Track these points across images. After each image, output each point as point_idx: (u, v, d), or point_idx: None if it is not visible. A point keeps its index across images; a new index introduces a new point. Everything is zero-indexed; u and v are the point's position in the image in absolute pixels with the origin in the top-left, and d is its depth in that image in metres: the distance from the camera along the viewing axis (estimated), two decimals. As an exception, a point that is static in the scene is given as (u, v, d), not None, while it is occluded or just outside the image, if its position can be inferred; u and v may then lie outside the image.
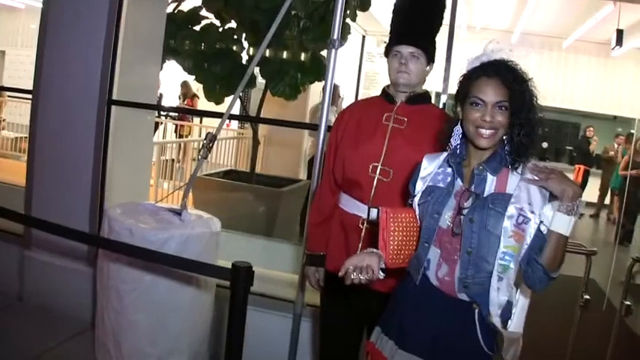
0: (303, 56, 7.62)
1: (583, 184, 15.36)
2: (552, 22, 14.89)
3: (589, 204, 15.44)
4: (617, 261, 9.53)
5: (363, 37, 15.40)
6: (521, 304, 2.68)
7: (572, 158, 17.78)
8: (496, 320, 2.50)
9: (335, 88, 10.81)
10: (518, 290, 2.66)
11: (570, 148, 19.15)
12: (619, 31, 10.92)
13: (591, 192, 15.38)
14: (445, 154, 2.73)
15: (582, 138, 17.11)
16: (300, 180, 8.76)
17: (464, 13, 13.72)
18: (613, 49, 11.16)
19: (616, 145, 14.54)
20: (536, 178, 2.44)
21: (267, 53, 7.54)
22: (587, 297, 4.69)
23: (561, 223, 2.40)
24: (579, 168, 15.64)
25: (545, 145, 19.38)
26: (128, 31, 5.39)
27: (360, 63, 15.75)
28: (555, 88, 17.49)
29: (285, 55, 7.58)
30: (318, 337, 3.82)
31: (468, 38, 14.52)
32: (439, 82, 4.55)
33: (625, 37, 11.56)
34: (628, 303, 4.83)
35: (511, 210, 2.46)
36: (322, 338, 3.75)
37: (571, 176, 12.77)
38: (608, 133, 16.23)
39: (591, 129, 15.85)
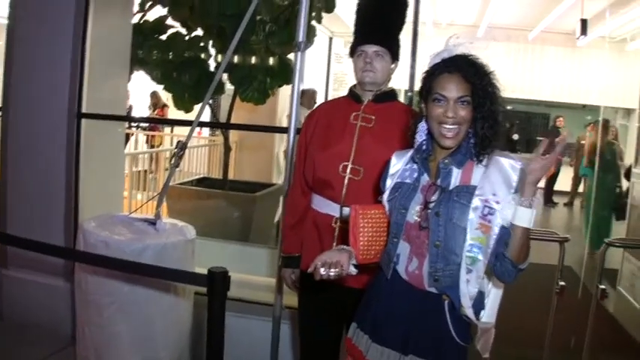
0: (270, 60, 7.64)
1: (556, 174, 15.50)
2: (517, 14, 14.98)
3: (563, 192, 15.55)
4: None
5: (330, 38, 15.42)
6: (493, 294, 2.72)
7: (542, 149, 17.86)
8: (469, 312, 2.53)
9: (313, 93, 10.85)
10: (490, 281, 2.69)
11: (541, 138, 19.23)
12: (583, 20, 11.01)
13: (565, 181, 15.48)
14: (412, 150, 2.76)
15: (552, 128, 17.21)
16: (274, 184, 8.77)
17: (429, 9, 13.79)
18: (578, 38, 11.24)
19: (587, 134, 14.63)
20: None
21: (235, 59, 7.56)
22: (563, 283, 4.73)
23: (524, 217, 2.43)
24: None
25: (516, 136, 19.50)
26: (94, 44, 5.39)
27: (328, 64, 15.77)
28: (523, 80, 17.58)
29: (252, 60, 7.59)
30: (298, 338, 3.84)
31: (435, 34, 14.58)
32: (406, 79, 4.59)
33: (590, 26, 11.64)
34: (603, 287, 4.88)
35: (476, 202, 2.50)
36: (302, 339, 3.76)
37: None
38: (578, 121, 16.34)
39: (561, 119, 15.96)
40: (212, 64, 7.60)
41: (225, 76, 7.61)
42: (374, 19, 3.41)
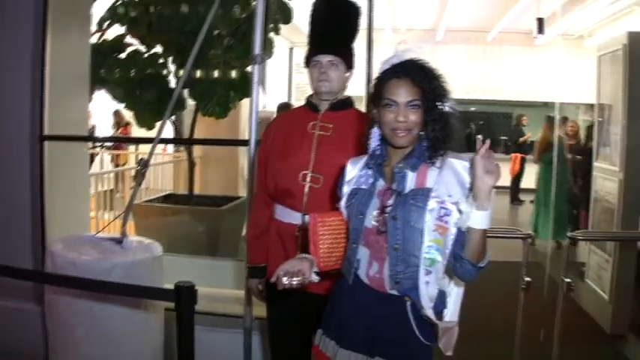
0: (233, 74, 7.65)
1: (520, 172, 15.60)
2: (475, 16, 15.10)
3: (529, 190, 15.63)
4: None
5: (291, 49, 15.49)
6: (455, 293, 2.77)
7: (507, 148, 17.96)
8: (429, 312, 2.57)
9: (289, 106, 10.84)
10: (452, 280, 2.74)
11: (505, 138, 19.34)
12: (539, 19, 11.10)
13: (529, 179, 15.58)
14: (366, 156, 2.81)
15: (515, 127, 17.32)
16: (240, 197, 8.77)
17: (386, 15, 13.84)
18: (535, 37, 11.35)
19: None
20: (485, 169, 2.44)
21: (197, 74, 7.58)
22: (529, 279, 4.77)
23: (480, 220, 2.46)
24: (516, 156, 15.85)
25: (479, 137, 19.58)
26: (54, 65, 5.38)
27: (289, 75, 15.83)
28: (484, 81, 17.75)
29: (212, 74, 7.60)
30: (269, 348, 3.86)
31: (394, 40, 14.65)
32: (363, 86, 4.63)
33: (547, 24, 11.75)
34: (568, 280, 4.93)
35: (432, 204, 2.53)
36: (272, 348, 3.78)
37: (508, 165, 13.02)
38: (539, 119, 16.43)
39: (525, 118, 16.08)
40: (172, 81, 7.59)
41: (186, 92, 7.64)
42: (327, 29, 3.45)
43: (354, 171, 2.84)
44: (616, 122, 6.84)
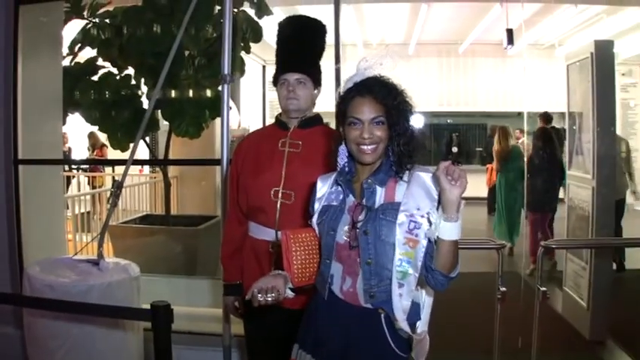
0: (208, 93, 7.67)
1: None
2: (445, 29, 15.17)
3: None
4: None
5: (264, 67, 15.49)
6: (427, 304, 2.79)
7: (483, 159, 18.01)
8: (404, 325, 2.59)
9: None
10: (425, 291, 2.76)
11: (480, 149, 19.40)
12: (509, 30, 11.16)
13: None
14: (336, 173, 2.83)
15: (490, 138, 17.39)
16: (216, 216, 8.75)
17: (357, 31, 13.88)
18: (505, 48, 11.42)
19: (518, 141, 14.80)
20: (449, 179, 2.46)
21: (169, 94, 7.59)
22: (504, 289, 4.81)
23: (450, 231, 2.49)
24: (491, 167, 15.94)
25: (455, 149, 19.65)
26: (25, 89, 5.42)
27: (263, 92, 15.85)
28: (458, 93, 17.83)
29: (183, 94, 7.61)
30: (248, 364, 3.88)
31: (366, 55, 14.69)
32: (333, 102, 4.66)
33: (518, 34, 11.82)
34: (543, 289, 4.97)
35: (401, 218, 2.56)
36: (251, 364, 3.81)
37: (484, 176, 13.09)
38: (514, 129, 16.51)
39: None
40: (145, 102, 7.59)
41: (159, 112, 7.65)
42: (293, 48, 3.50)
43: (324, 188, 2.88)
44: (587, 130, 6.90)
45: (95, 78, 7.65)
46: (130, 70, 7.60)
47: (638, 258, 9.31)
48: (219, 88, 4.57)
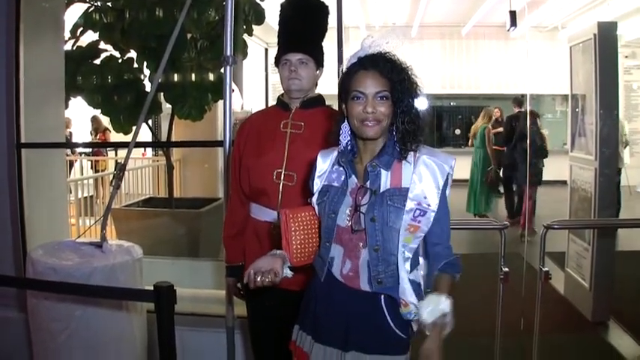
0: (210, 76, 7.67)
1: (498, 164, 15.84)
2: (448, 11, 15.16)
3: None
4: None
5: (266, 49, 15.48)
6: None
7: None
8: (413, 307, 2.61)
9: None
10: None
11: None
12: (512, 12, 11.12)
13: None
14: (337, 151, 2.81)
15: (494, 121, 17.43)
16: (219, 198, 8.76)
17: (360, 13, 13.86)
18: (508, 30, 11.41)
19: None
20: None
21: (172, 77, 7.59)
22: (506, 269, 4.79)
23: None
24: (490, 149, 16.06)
25: (458, 132, 19.66)
26: (28, 73, 5.38)
27: (266, 75, 15.85)
28: (461, 75, 17.82)
29: (186, 77, 7.61)
30: (251, 345, 3.89)
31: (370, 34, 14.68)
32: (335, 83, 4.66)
33: (520, 17, 11.79)
34: (546, 269, 4.96)
35: (410, 205, 2.56)
36: (253, 346, 3.81)
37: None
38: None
39: (497, 110, 16.20)
40: (148, 85, 7.59)
41: (161, 95, 7.65)
42: (296, 28, 3.49)
43: (324, 164, 2.86)
44: (590, 112, 6.89)
45: (97, 62, 7.65)
46: (132, 54, 7.60)
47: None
48: (222, 70, 4.56)
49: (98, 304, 4.21)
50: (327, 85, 3.79)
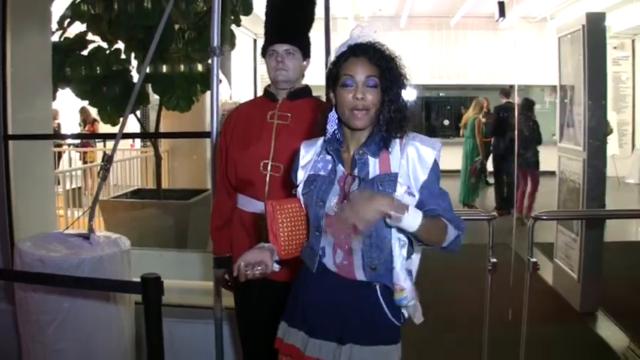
0: (192, 67, 7.68)
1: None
2: (437, 2, 15.22)
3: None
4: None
5: (255, 40, 15.49)
6: (416, 262, 2.80)
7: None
8: (408, 292, 2.61)
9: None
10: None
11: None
12: (500, 3, 11.18)
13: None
14: (321, 139, 2.81)
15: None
16: (207, 190, 8.76)
17: (349, 3, 13.86)
18: (497, 21, 11.45)
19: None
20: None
21: (160, 68, 7.59)
22: (495, 260, 4.80)
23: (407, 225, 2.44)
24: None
25: (446, 122, 19.70)
26: (15, 65, 5.38)
27: (254, 66, 15.85)
28: (449, 66, 17.85)
29: (174, 68, 7.61)
30: (239, 337, 3.90)
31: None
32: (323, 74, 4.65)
33: (509, 7, 11.82)
34: (534, 260, 4.96)
35: (400, 190, 2.54)
36: (242, 338, 3.83)
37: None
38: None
39: (484, 101, 16.28)
40: (136, 76, 7.57)
41: (149, 86, 7.65)
42: (282, 18, 3.49)
43: (308, 155, 2.84)
44: (578, 103, 6.91)
45: (85, 53, 7.63)
46: (120, 45, 7.59)
47: (628, 230, 9.37)
48: (209, 61, 4.56)
49: (86, 295, 4.21)
50: (315, 76, 3.80)
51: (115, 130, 5.38)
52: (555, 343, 5.96)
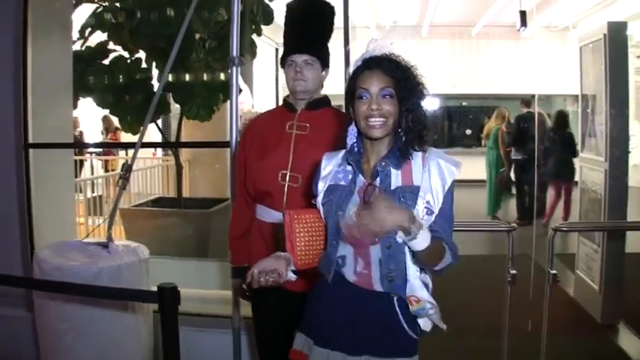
0: (213, 76, 7.69)
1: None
2: (459, 11, 15.16)
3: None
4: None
5: (276, 49, 15.49)
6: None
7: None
8: (427, 303, 2.60)
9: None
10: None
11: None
12: (522, 12, 11.12)
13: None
14: (343, 152, 2.81)
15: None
16: (228, 199, 8.78)
17: (370, 13, 13.87)
18: (519, 30, 11.41)
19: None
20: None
21: (181, 77, 7.60)
22: (514, 272, 4.77)
23: (413, 246, 2.44)
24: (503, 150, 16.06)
25: (468, 132, 19.66)
26: (36, 73, 5.40)
27: (276, 75, 15.86)
28: (471, 75, 17.80)
29: (195, 77, 7.63)
30: (256, 347, 3.89)
31: (379, 38, 14.69)
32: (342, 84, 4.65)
33: (531, 17, 11.78)
34: (554, 272, 4.93)
35: (420, 203, 2.54)
36: (259, 347, 3.82)
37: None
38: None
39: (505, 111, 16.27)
40: (157, 85, 7.59)
41: (170, 95, 7.67)
42: (301, 28, 3.49)
43: (329, 166, 2.84)
44: (600, 112, 6.87)
45: (106, 62, 7.66)
46: (141, 54, 7.61)
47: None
48: (229, 70, 4.56)
49: (104, 304, 4.22)
50: (334, 85, 3.79)
51: (136, 139, 5.40)
52: (575, 355, 5.92)
